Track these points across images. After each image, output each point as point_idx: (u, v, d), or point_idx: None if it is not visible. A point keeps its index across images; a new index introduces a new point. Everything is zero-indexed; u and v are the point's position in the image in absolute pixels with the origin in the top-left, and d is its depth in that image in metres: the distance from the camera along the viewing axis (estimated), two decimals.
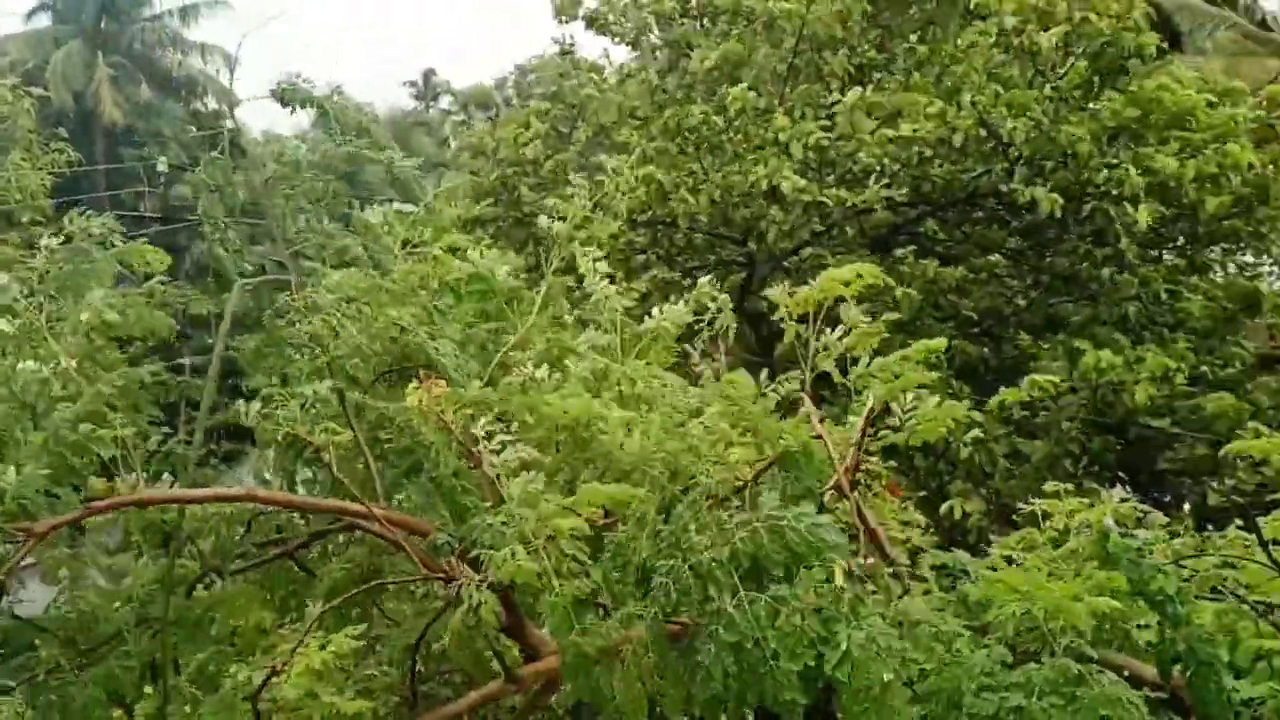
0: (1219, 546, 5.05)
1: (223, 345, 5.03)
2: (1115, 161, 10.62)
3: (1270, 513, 4.80)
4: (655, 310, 5.93)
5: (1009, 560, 5.14)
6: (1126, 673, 4.07)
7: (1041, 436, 10.81)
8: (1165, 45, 11.43)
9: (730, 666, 3.77)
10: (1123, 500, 5.17)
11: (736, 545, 3.89)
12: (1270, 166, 10.81)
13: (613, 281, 5.62)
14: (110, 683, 5.30)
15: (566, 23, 13.90)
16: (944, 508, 9.57)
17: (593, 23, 13.77)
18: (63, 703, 5.28)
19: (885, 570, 4.36)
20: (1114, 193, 10.68)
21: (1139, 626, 4.28)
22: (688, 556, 3.95)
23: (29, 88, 25.99)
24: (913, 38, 11.89)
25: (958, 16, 12.10)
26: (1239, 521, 5.28)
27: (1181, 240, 12.03)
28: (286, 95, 5.31)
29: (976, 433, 9.54)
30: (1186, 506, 11.28)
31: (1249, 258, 13.22)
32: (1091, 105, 10.95)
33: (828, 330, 4.97)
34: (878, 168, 11.22)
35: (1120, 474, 11.73)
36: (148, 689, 5.58)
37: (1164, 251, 12.29)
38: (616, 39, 13.90)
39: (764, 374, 5.10)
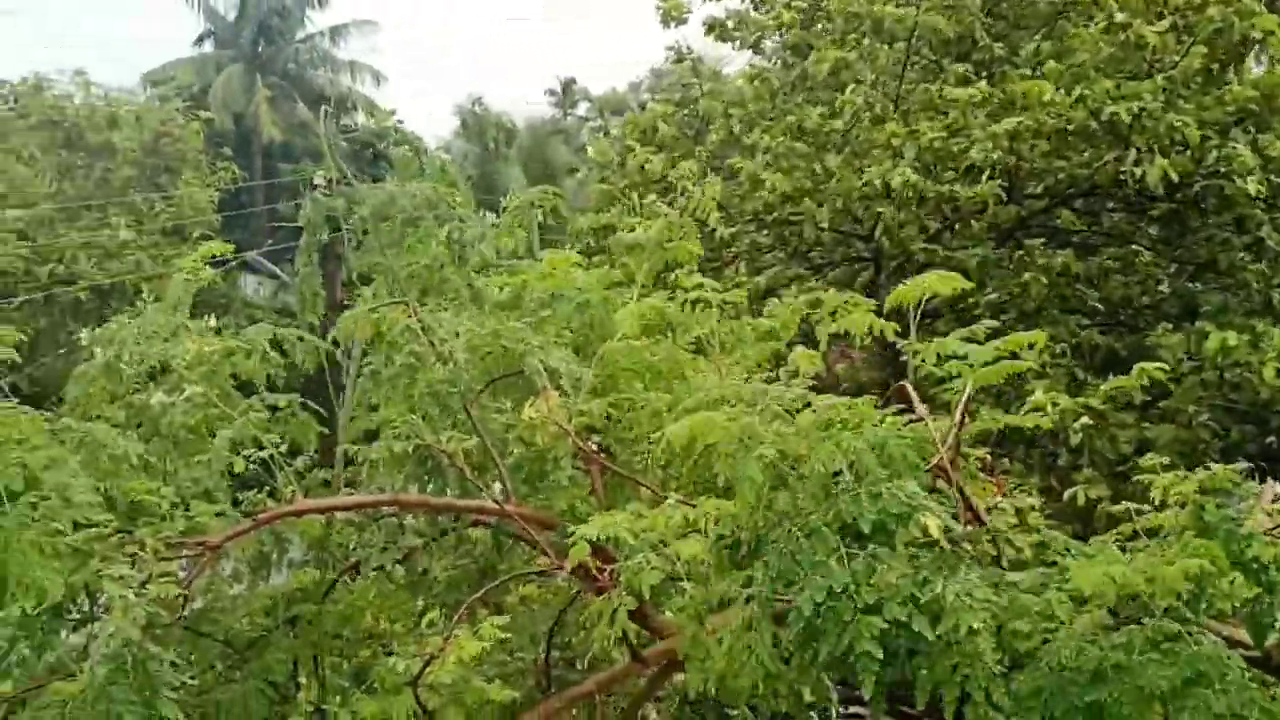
0: None
1: (357, 367, 5.50)
2: (1230, 145, 10.48)
3: None
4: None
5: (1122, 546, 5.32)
6: (1225, 634, 4.23)
7: (1169, 422, 10.71)
8: None
9: (825, 611, 3.92)
10: (1219, 472, 5.27)
11: (839, 508, 4.10)
12: None
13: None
14: (266, 674, 5.69)
15: (675, 27, 14.20)
16: (1067, 495, 9.59)
17: (711, 29, 14.06)
18: (224, 696, 5.66)
19: (984, 538, 4.57)
20: (1223, 170, 10.55)
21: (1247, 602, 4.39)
22: (799, 523, 4.15)
23: (197, 110, 27.61)
24: (1038, 35, 11.90)
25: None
26: None
27: None
28: (380, 136, 5.75)
29: (1085, 420, 9.58)
30: None
31: None
32: (1214, 91, 10.79)
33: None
34: (992, 163, 11.24)
35: (1261, 463, 11.48)
36: (301, 679, 6.04)
37: None
38: (736, 44, 14.16)
39: None
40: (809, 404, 4.81)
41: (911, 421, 4.68)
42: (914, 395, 5.00)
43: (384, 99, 46.64)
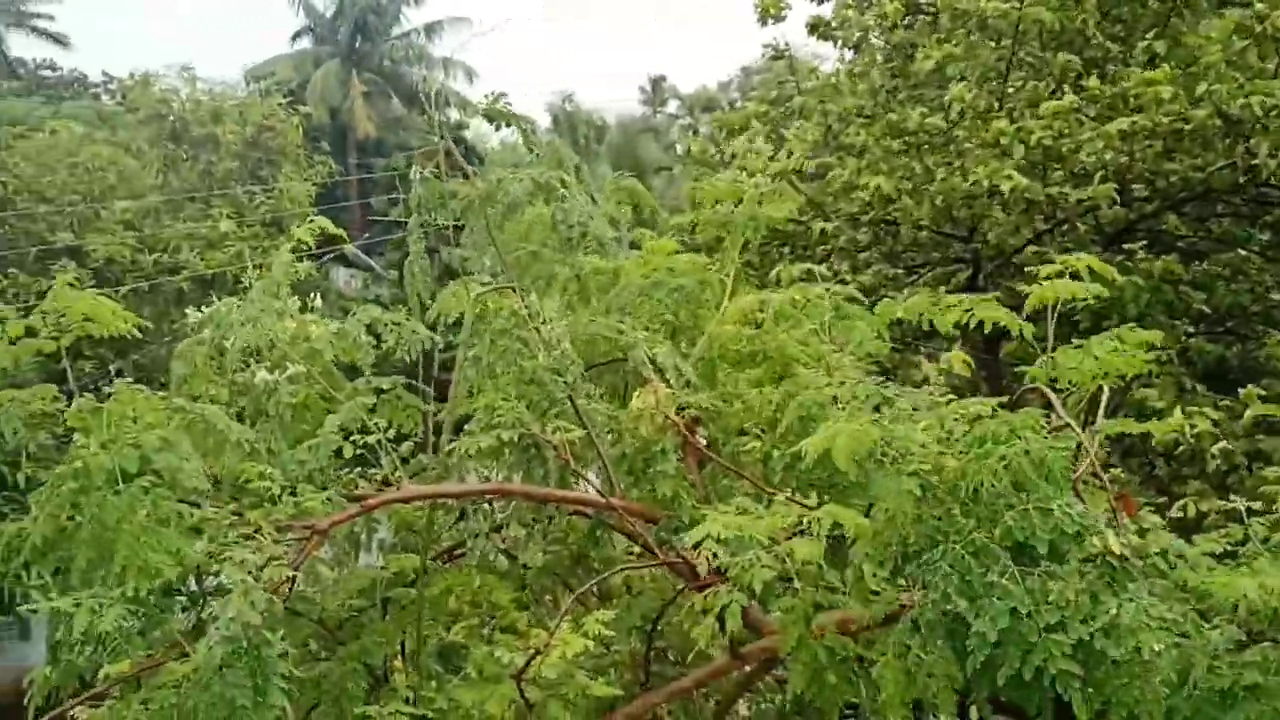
0: None
1: (464, 353, 5.49)
2: None
3: None
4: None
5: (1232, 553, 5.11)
6: None
7: None
8: None
9: (1005, 633, 3.83)
10: None
11: (1008, 525, 3.99)
12: None
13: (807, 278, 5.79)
14: (364, 656, 5.72)
15: (772, 24, 14.05)
16: (1176, 507, 9.27)
17: (814, 29, 13.91)
18: (321, 677, 5.68)
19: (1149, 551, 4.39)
20: None
21: None
22: (961, 541, 4.04)
23: (296, 105, 28.19)
24: (1150, 34, 11.52)
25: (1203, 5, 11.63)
26: None
27: None
28: (492, 114, 5.73)
29: (1225, 445, 9.23)
30: None
31: None
32: None
33: None
34: (1103, 166, 10.91)
35: None
36: (396, 663, 6.08)
37: None
38: (839, 44, 13.99)
39: None
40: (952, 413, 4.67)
41: (1056, 430, 4.54)
42: (1056, 401, 4.84)
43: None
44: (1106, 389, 5.04)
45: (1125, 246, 12.25)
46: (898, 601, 4.47)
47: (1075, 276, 5.13)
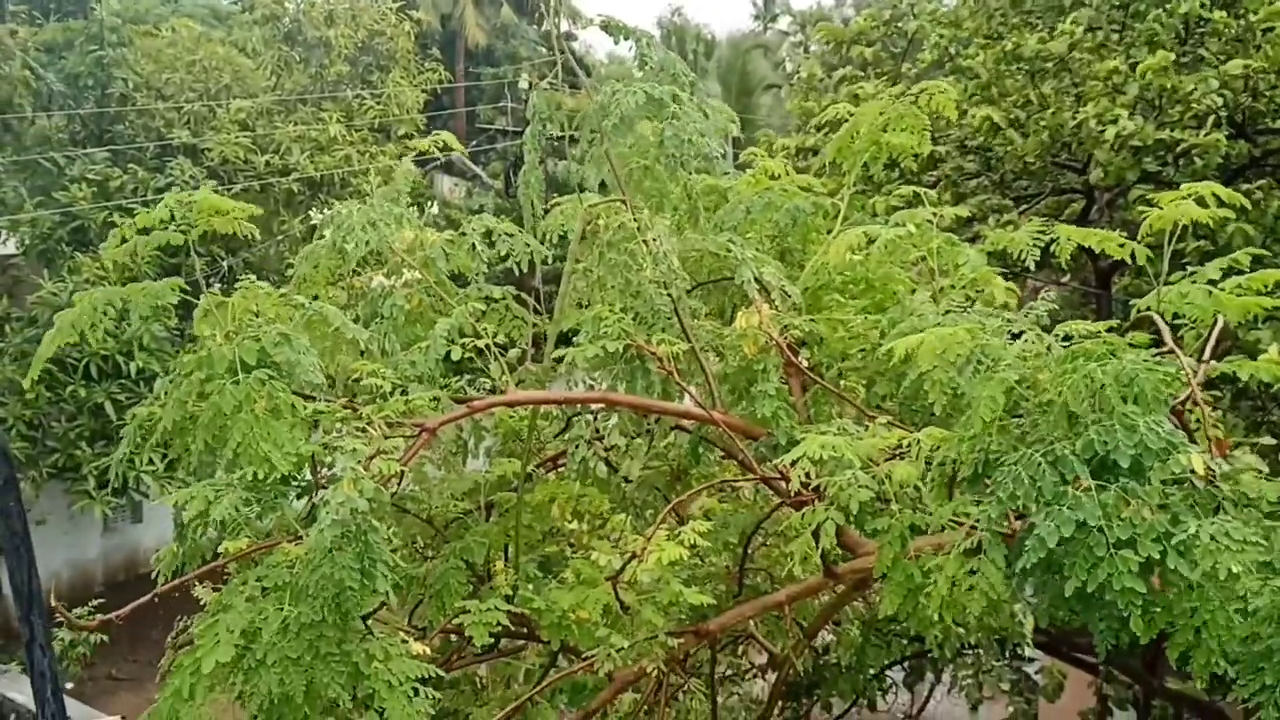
0: None
1: (572, 263, 5.57)
2: None
3: None
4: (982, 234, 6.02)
5: None
6: None
7: None
8: None
9: (1069, 544, 3.75)
10: None
11: (1091, 437, 3.91)
12: None
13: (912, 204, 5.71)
14: (466, 555, 5.91)
15: None
16: None
17: None
18: (425, 573, 5.93)
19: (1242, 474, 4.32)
20: None
21: None
22: (1040, 450, 3.97)
23: (407, 11, 28.17)
24: None
25: None
26: None
27: None
28: (609, 28, 5.78)
29: None
30: None
31: None
32: None
33: None
34: (1215, 110, 10.46)
35: None
36: (497, 564, 6.28)
37: None
38: None
39: None
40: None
41: (1161, 354, 4.46)
42: (1164, 328, 4.74)
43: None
44: (1221, 320, 4.92)
45: (1244, 186, 11.81)
46: (965, 507, 4.46)
47: (1199, 203, 5.00)
